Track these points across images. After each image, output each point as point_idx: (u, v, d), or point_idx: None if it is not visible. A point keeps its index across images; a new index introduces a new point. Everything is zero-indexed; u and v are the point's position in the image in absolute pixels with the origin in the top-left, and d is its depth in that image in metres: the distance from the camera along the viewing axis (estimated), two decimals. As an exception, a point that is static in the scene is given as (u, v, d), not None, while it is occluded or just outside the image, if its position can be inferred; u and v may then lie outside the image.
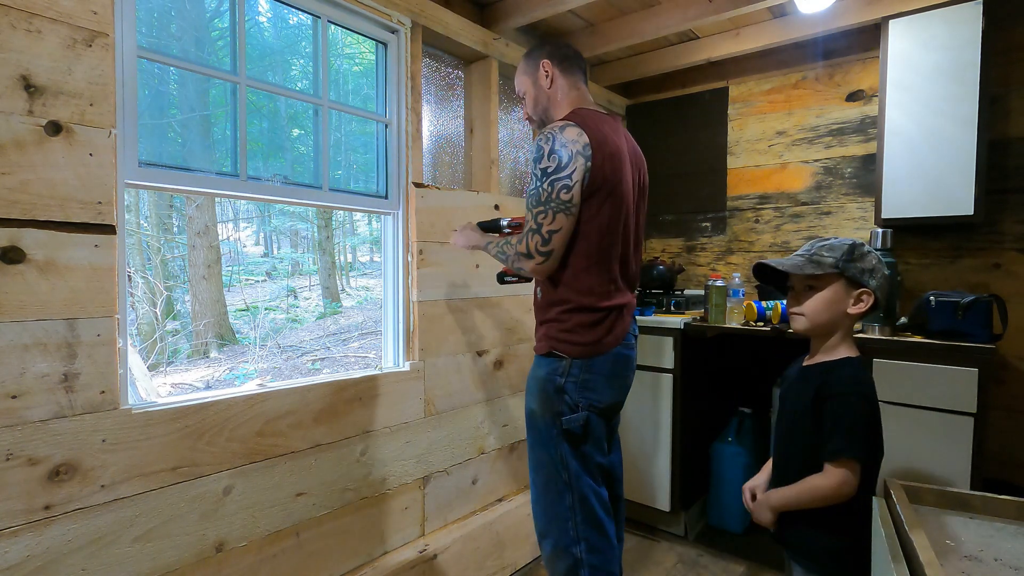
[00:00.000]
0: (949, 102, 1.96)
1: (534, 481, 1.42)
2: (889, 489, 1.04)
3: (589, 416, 1.35)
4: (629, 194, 1.38)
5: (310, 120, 2.35)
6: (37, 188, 1.08)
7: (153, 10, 3.44)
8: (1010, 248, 2.08)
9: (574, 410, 1.34)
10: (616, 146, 1.34)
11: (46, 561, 1.09)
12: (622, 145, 1.38)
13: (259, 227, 12.13)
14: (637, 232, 1.48)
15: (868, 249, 1.20)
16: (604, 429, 1.40)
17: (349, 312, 8.72)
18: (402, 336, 1.89)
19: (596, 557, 1.34)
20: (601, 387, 1.36)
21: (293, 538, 1.52)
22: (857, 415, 1.12)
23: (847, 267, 1.18)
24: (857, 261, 1.17)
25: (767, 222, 2.66)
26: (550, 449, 1.37)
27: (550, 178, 1.28)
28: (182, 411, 1.29)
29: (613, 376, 1.38)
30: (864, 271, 1.17)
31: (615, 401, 1.42)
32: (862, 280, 1.17)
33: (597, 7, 2.31)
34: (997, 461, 2.04)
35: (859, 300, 1.18)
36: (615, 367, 1.38)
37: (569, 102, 1.47)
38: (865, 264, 1.17)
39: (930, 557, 0.77)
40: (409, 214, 1.89)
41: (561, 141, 1.29)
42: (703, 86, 2.84)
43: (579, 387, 1.35)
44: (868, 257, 1.18)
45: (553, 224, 1.29)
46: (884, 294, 1.18)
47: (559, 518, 1.36)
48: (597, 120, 1.35)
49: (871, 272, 1.17)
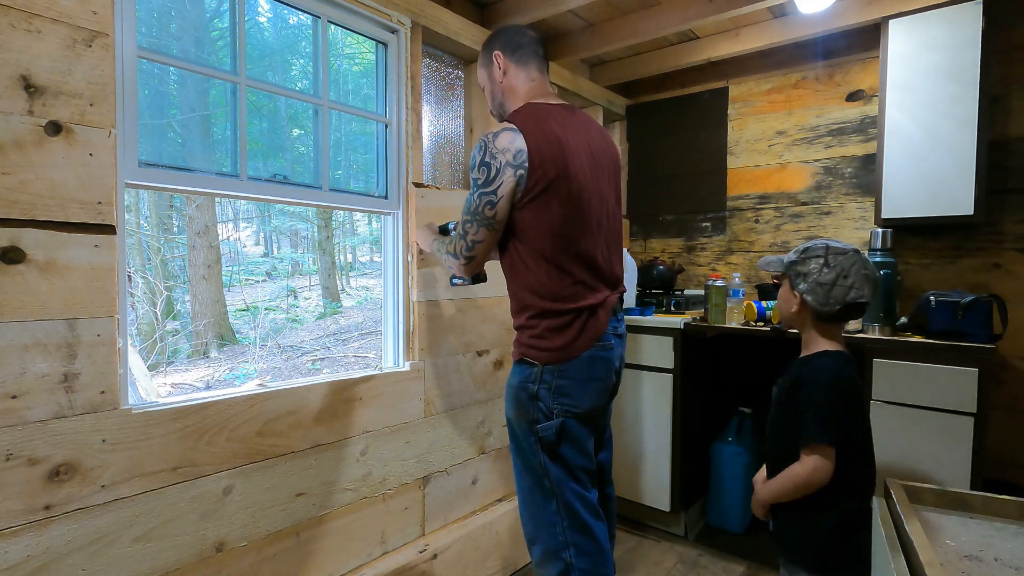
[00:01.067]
0: (949, 102, 1.96)
1: (519, 487, 1.40)
2: (889, 489, 1.04)
3: (564, 422, 1.31)
4: (587, 189, 1.31)
5: (310, 120, 2.35)
6: (37, 188, 1.08)
7: (153, 10, 3.44)
8: (1010, 248, 2.08)
9: (548, 417, 1.31)
10: (562, 144, 1.28)
11: (46, 561, 1.09)
12: (572, 140, 1.31)
13: (259, 227, 12.13)
14: (610, 224, 1.40)
15: (821, 254, 1.22)
16: (586, 432, 1.35)
17: (349, 312, 8.72)
18: (402, 336, 1.89)
19: (586, 561, 1.32)
20: (576, 392, 1.31)
21: (293, 538, 1.52)
22: (823, 401, 1.16)
23: (788, 268, 1.25)
24: (799, 264, 1.24)
25: (767, 222, 2.66)
26: (530, 456, 1.34)
27: (479, 191, 1.28)
28: (182, 411, 1.29)
29: (589, 380, 1.33)
30: (799, 275, 1.23)
31: (594, 405, 1.35)
32: (795, 283, 1.24)
33: (597, 7, 2.31)
34: (997, 461, 2.04)
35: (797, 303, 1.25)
36: (591, 370, 1.33)
37: (525, 94, 1.41)
38: (803, 268, 1.23)
39: (930, 557, 0.77)
40: (409, 214, 1.89)
41: (492, 152, 1.26)
42: (703, 86, 2.84)
43: (552, 393, 1.31)
44: (811, 261, 1.22)
45: (476, 236, 1.32)
46: (817, 298, 1.20)
47: (546, 523, 1.34)
48: (543, 117, 1.30)
49: (804, 276, 1.22)
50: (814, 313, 1.22)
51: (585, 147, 1.34)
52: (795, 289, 1.24)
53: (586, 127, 1.39)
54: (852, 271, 1.19)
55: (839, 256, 1.21)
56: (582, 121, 1.39)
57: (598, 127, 1.44)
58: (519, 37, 1.44)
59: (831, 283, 1.19)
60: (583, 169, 1.32)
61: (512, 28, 1.47)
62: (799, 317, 1.26)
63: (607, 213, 1.39)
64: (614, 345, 1.38)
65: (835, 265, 1.20)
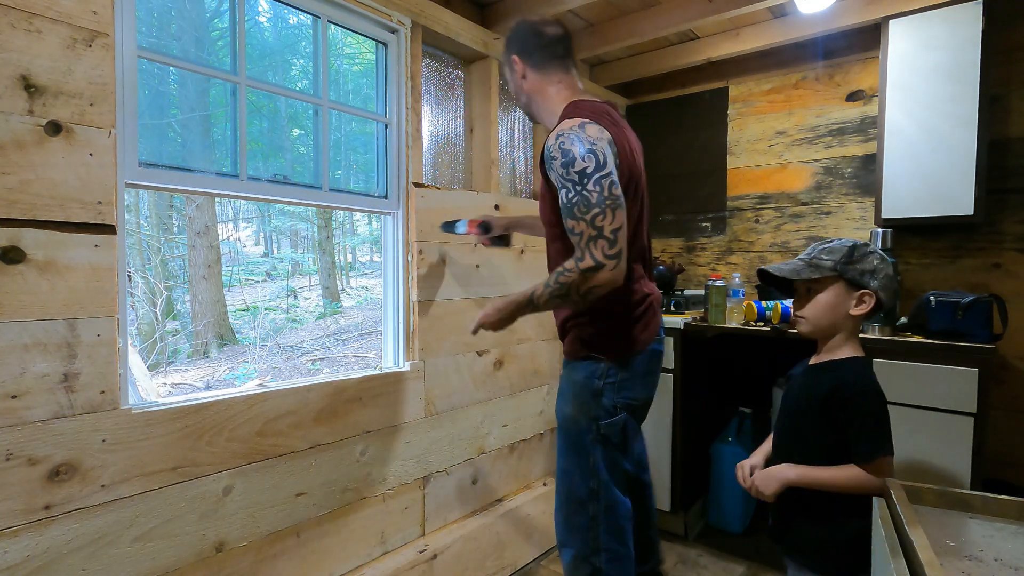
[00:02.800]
0: (949, 102, 1.96)
1: (559, 489, 1.39)
2: (889, 489, 1.04)
3: (627, 420, 1.33)
4: (644, 187, 1.36)
5: (310, 120, 2.35)
6: (37, 188, 1.08)
7: (153, 10, 3.44)
8: (1010, 248, 2.08)
9: (612, 414, 1.31)
10: (628, 141, 1.31)
11: (46, 561, 1.10)
12: (629, 137, 1.34)
13: (259, 227, 12.13)
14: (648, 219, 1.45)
15: (870, 249, 1.20)
16: (636, 427, 1.41)
17: (349, 312, 8.72)
18: (402, 336, 1.89)
19: (615, 567, 1.32)
20: (637, 386, 1.35)
21: (293, 538, 1.52)
22: (880, 411, 1.15)
23: (846, 269, 1.18)
24: (857, 263, 1.18)
25: (767, 222, 2.66)
26: (582, 456, 1.33)
27: (594, 178, 1.16)
28: (182, 411, 1.29)
29: (648, 373, 1.38)
30: (864, 272, 1.18)
31: (648, 397, 1.41)
32: (862, 281, 1.17)
33: (597, 7, 2.31)
34: (997, 461, 2.04)
35: (861, 301, 1.19)
36: (650, 364, 1.38)
37: (558, 96, 1.40)
38: (866, 265, 1.18)
39: (930, 557, 0.77)
40: (409, 214, 1.89)
41: (589, 140, 1.19)
42: (703, 86, 2.84)
43: (616, 388, 1.32)
44: (869, 258, 1.18)
45: (615, 223, 1.16)
46: (889, 294, 1.19)
47: (580, 528, 1.33)
48: (604, 113, 1.30)
49: (872, 273, 1.17)
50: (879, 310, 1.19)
51: (637, 145, 1.38)
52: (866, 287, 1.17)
53: (627, 126, 1.40)
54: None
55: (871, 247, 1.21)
56: (622, 119, 1.40)
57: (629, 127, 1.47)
58: (535, 39, 1.40)
59: (893, 275, 1.19)
60: (641, 167, 1.35)
61: (528, 29, 1.43)
62: (852, 320, 1.20)
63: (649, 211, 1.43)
64: (664, 339, 1.46)
65: (883, 258, 1.19)
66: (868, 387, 1.16)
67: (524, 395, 2.35)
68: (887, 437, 1.13)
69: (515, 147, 2.56)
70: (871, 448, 1.12)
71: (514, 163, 2.55)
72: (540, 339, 2.44)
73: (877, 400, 1.15)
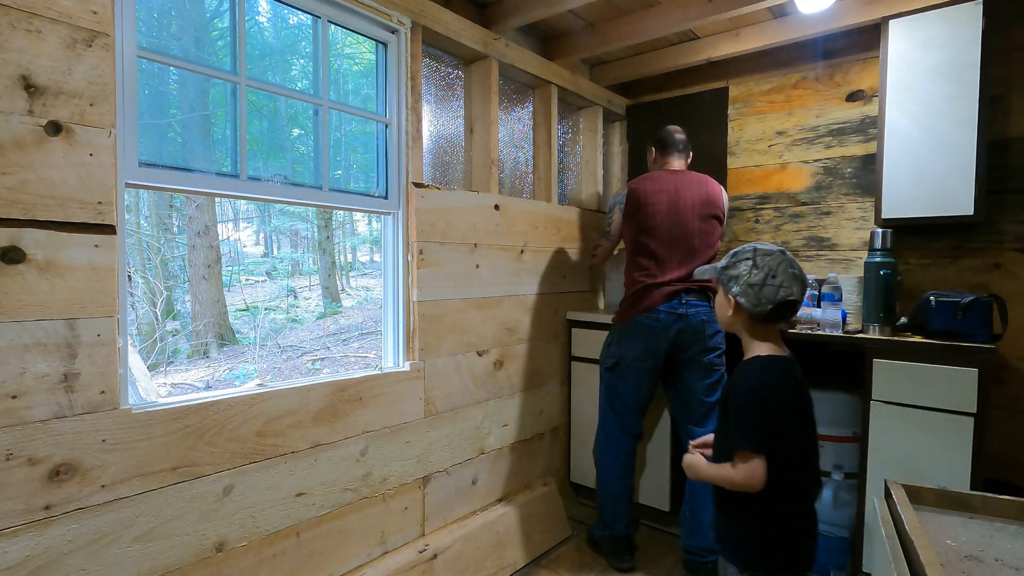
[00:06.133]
0: (949, 102, 1.96)
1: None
2: (889, 489, 1.04)
3: (619, 362, 2.07)
4: (657, 214, 2.02)
5: (310, 120, 2.35)
6: (37, 188, 1.08)
7: (153, 10, 3.44)
8: (1010, 248, 2.08)
9: (609, 358, 2.11)
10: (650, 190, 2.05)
11: (46, 561, 1.10)
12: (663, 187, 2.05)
13: (259, 227, 12.13)
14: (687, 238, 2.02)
15: (748, 256, 1.23)
16: (636, 374, 2.04)
17: (349, 312, 8.72)
18: (402, 336, 1.89)
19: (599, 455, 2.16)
20: (625, 344, 2.05)
21: (293, 538, 1.52)
22: (746, 409, 1.17)
23: (721, 275, 1.27)
24: (729, 268, 1.25)
25: (767, 222, 2.66)
26: (600, 383, 2.19)
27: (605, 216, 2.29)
28: (182, 411, 1.29)
29: (633, 336, 2.03)
30: (731, 278, 1.24)
31: (634, 354, 2.03)
32: (728, 287, 1.25)
33: (597, 7, 2.31)
34: (997, 461, 2.04)
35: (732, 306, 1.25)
36: (635, 330, 2.02)
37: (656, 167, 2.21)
38: (733, 271, 1.24)
39: (930, 557, 0.77)
40: (409, 214, 1.89)
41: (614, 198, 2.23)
42: (703, 86, 2.84)
43: (616, 344, 2.08)
44: (740, 264, 1.23)
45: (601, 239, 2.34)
46: (750, 300, 1.21)
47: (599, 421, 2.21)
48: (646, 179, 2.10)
49: (735, 279, 1.23)
50: (748, 315, 1.23)
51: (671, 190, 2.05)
52: (729, 293, 1.24)
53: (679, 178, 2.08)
54: (779, 270, 1.20)
55: (766, 256, 1.22)
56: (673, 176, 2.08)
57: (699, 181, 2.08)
58: (668, 138, 2.19)
59: (761, 283, 1.20)
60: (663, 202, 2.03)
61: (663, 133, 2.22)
62: (735, 321, 1.27)
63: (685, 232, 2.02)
64: (662, 318, 1.97)
65: (763, 266, 1.21)
66: (745, 385, 1.19)
67: (524, 395, 2.35)
68: (752, 434, 1.15)
69: (515, 147, 2.56)
70: (736, 442, 1.17)
71: (514, 163, 2.55)
72: (540, 339, 2.44)
73: (746, 397, 1.17)
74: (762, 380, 1.18)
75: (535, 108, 2.60)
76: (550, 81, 2.52)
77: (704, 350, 2.00)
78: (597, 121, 2.94)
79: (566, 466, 2.63)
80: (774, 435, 1.15)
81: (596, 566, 2.12)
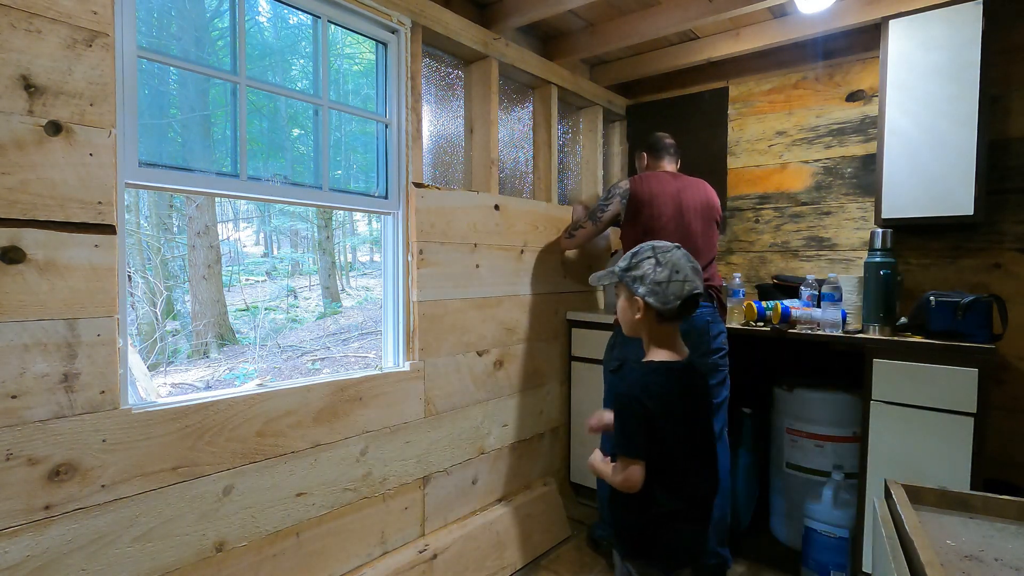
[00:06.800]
0: (949, 102, 1.96)
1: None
2: (889, 489, 1.04)
3: (622, 364, 1.96)
4: (663, 215, 2.02)
5: (310, 120, 2.35)
6: (37, 188, 1.08)
7: (153, 10, 3.43)
8: (1010, 248, 2.08)
9: (612, 361, 2.01)
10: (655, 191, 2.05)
11: (46, 561, 1.10)
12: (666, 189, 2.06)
13: (259, 227, 12.13)
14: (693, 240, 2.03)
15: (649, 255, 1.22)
16: None
17: (349, 312, 8.72)
18: (402, 336, 1.89)
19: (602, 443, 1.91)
20: (627, 348, 1.92)
21: (293, 538, 1.52)
22: (628, 417, 1.17)
23: (623, 276, 1.24)
24: (632, 269, 1.23)
25: (767, 222, 2.66)
26: (605, 385, 2.12)
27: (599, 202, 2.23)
28: (182, 411, 1.29)
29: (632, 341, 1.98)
30: (636, 279, 1.22)
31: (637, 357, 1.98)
32: (633, 288, 1.22)
33: (597, 7, 2.31)
34: (997, 461, 2.04)
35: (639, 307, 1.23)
36: None
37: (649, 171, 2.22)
38: (637, 272, 1.22)
39: (930, 557, 0.77)
40: (409, 214, 1.89)
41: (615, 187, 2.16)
42: (703, 86, 2.84)
43: (619, 347, 1.99)
44: (643, 264, 1.22)
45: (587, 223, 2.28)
46: (660, 299, 1.19)
47: None
48: (649, 179, 2.09)
49: (640, 279, 1.21)
50: (657, 314, 1.21)
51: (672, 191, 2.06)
52: (635, 295, 1.22)
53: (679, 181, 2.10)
54: (682, 265, 1.19)
55: (667, 253, 1.21)
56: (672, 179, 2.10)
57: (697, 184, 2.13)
58: (658, 143, 2.23)
59: (667, 280, 1.18)
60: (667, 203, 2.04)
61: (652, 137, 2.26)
62: (643, 323, 1.24)
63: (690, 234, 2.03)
64: None
65: (666, 263, 1.20)
66: (627, 390, 1.19)
67: (524, 395, 2.35)
68: (630, 441, 1.16)
69: (515, 147, 2.56)
70: (616, 446, 1.18)
71: (514, 163, 2.55)
72: (540, 339, 2.44)
73: (625, 403, 1.18)
74: (644, 387, 1.18)
75: (535, 108, 2.60)
76: (550, 81, 2.52)
77: (709, 351, 1.98)
78: (597, 121, 2.94)
79: (566, 466, 2.63)
80: (654, 441, 1.15)
81: (596, 566, 2.12)
